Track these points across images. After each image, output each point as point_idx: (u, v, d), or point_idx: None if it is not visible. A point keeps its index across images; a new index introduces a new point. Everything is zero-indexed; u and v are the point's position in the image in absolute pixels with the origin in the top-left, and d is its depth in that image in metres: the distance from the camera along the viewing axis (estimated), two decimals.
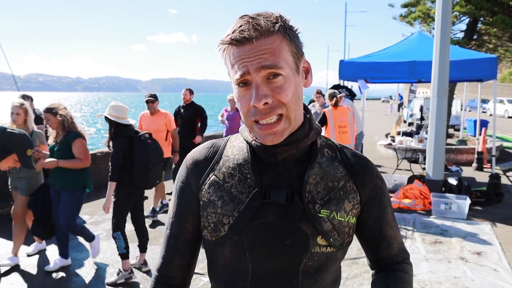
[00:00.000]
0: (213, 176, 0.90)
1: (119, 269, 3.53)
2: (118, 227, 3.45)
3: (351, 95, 7.88)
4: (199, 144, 5.97)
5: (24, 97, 5.20)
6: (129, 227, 4.85)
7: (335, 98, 5.71)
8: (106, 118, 3.43)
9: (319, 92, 7.72)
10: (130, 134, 3.43)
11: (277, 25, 0.78)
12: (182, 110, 6.15)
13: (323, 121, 5.63)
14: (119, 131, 3.42)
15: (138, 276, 3.63)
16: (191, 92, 6.17)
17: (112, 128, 3.44)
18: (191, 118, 6.05)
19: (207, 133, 6.26)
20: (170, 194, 6.23)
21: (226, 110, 7.03)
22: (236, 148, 0.92)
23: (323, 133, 5.63)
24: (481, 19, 11.61)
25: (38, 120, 5.17)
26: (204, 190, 0.89)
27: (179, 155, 5.54)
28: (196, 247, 0.96)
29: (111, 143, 3.42)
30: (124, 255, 3.48)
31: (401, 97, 18.67)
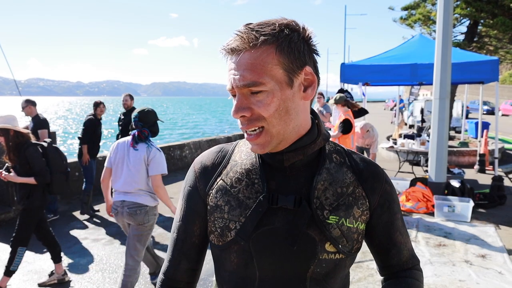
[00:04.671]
0: (221, 181, 0.89)
1: (52, 271, 3.56)
2: (25, 242, 3.29)
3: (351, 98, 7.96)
4: None
5: (28, 102, 5.21)
6: None
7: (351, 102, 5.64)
8: None
9: (320, 94, 7.83)
10: (39, 143, 3.38)
11: (262, 37, 0.75)
12: (123, 117, 5.86)
13: (350, 128, 5.47)
14: (22, 141, 3.28)
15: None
16: (131, 97, 5.95)
17: (12, 139, 3.25)
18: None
19: (208, 136, 6.14)
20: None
21: None
22: (244, 153, 0.92)
23: (338, 140, 5.57)
24: (482, 21, 11.63)
25: (41, 125, 5.17)
26: (211, 194, 0.89)
27: None
28: (202, 251, 0.96)
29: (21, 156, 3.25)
30: (11, 272, 3.26)
31: (401, 101, 18.64)
